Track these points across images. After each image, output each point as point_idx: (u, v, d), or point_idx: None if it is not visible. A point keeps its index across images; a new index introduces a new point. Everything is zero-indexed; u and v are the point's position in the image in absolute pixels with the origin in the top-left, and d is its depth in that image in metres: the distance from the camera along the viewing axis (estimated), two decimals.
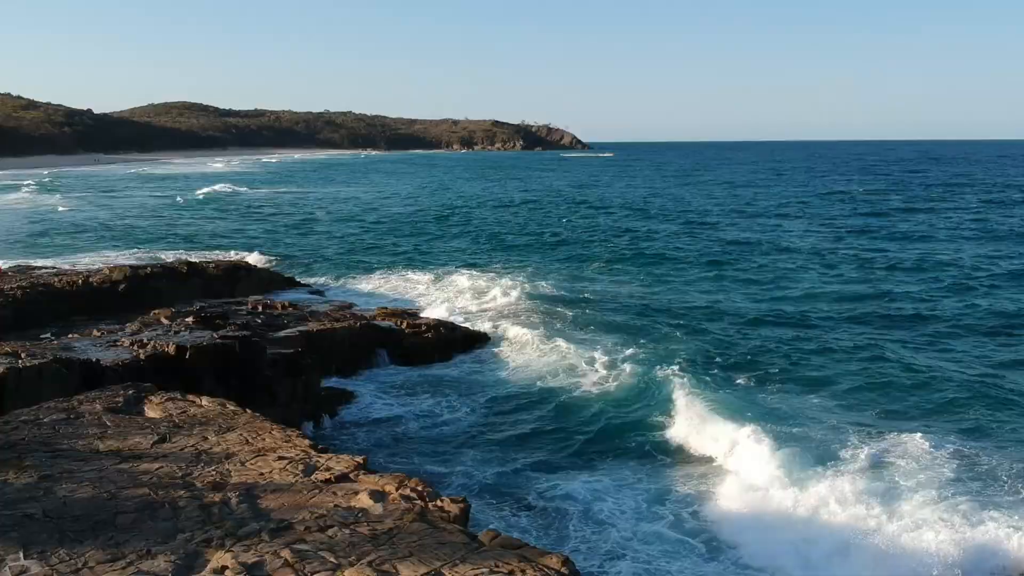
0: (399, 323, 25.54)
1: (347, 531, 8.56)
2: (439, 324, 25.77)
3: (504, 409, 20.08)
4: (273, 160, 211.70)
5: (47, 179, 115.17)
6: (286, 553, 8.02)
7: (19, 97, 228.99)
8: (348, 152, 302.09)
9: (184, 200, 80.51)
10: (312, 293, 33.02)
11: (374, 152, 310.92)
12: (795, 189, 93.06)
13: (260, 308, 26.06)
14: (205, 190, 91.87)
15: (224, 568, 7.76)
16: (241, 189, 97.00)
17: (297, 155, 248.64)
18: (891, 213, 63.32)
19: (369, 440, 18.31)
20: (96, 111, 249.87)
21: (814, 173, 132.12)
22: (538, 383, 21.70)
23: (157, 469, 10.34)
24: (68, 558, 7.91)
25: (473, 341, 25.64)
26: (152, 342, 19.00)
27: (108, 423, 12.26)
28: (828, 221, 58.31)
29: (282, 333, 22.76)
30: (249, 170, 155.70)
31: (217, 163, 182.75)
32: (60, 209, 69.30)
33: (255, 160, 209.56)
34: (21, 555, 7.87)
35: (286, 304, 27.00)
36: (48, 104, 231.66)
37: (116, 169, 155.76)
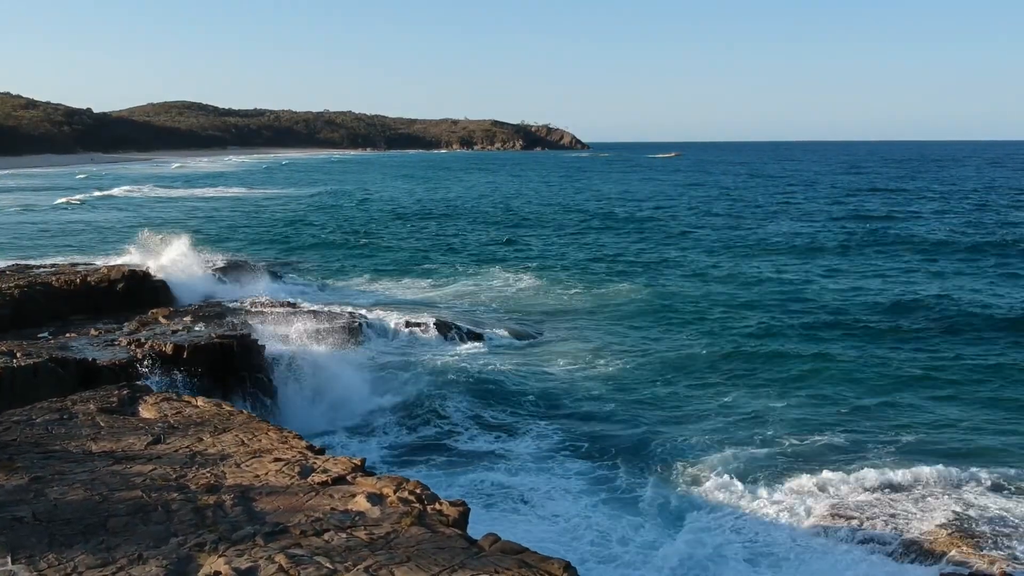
0: None
1: (344, 535, 8.38)
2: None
3: None
4: (251, 160, 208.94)
5: None
6: (281, 558, 7.83)
7: (19, 96, 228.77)
8: (335, 151, 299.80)
9: (51, 204, 71.75)
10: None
11: (356, 152, 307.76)
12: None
13: (258, 307, 25.89)
14: (99, 193, 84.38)
15: (217, 573, 7.57)
16: (157, 191, 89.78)
17: (271, 155, 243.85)
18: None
19: (367, 440, 18.11)
20: (96, 110, 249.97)
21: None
22: None
23: (151, 471, 10.16)
24: (57, 563, 7.72)
25: None
26: (149, 341, 18.84)
27: (102, 424, 12.07)
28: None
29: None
30: (207, 169, 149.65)
31: (175, 163, 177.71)
32: None
33: (227, 160, 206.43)
34: (9, 560, 7.68)
35: (285, 303, 26.86)
36: (47, 103, 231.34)
37: (73, 169, 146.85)
